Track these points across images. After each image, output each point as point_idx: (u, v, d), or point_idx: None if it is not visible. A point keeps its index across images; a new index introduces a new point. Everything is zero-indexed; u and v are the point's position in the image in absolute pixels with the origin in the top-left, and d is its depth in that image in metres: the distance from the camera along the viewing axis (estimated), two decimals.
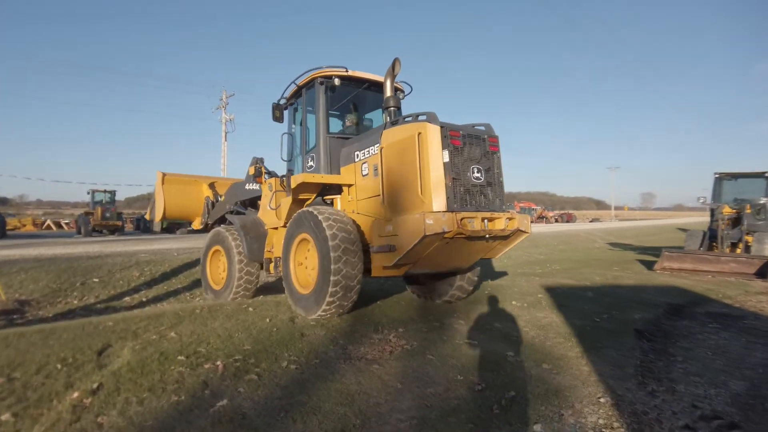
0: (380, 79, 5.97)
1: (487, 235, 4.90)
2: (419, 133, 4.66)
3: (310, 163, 6.17)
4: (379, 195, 5.14)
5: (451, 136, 4.72)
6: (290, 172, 6.54)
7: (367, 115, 6.84)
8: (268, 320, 5.03)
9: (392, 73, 5.64)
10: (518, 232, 5.22)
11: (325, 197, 6.14)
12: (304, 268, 5.59)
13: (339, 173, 5.90)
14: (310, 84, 6.21)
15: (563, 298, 7.30)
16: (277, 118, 6.38)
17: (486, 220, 4.83)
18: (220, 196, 8.73)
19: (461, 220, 4.55)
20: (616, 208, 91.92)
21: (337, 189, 5.99)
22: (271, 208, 6.56)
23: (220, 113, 30.46)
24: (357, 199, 5.62)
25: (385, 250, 4.84)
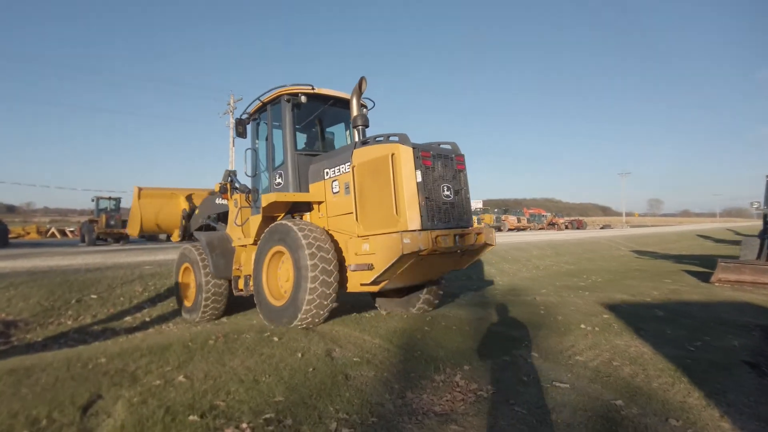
0: (345, 96, 6.15)
1: (459, 250, 5.14)
2: (392, 154, 4.75)
3: (278, 180, 6.10)
4: (351, 213, 5.22)
5: (422, 156, 4.83)
6: (255, 190, 6.58)
7: (329, 129, 6.86)
8: (299, 355, 4.03)
9: (359, 91, 5.81)
10: (485, 245, 5.53)
11: (294, 214, 6.17)
12: (277, 281, 5.67)
13: (307, 190, 5.95)
14: (276, 100, 6.17)
15: (633, 318, 6.27)
16: (240, 133, 6.36)
17: (458, 237, 5.03)
18: (197, 209, 8.63)
19: (436, 237, 4.71)
20: (627, 215, 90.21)
21: (306, 206, 6.04)
22: (237, 225, 6.71)
23: (227, 118, 29.62)
24: (328, 215, 5.70)
25: (364, 269, 4.90)
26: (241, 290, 6.54)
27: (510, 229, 48.08)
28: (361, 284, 5.11)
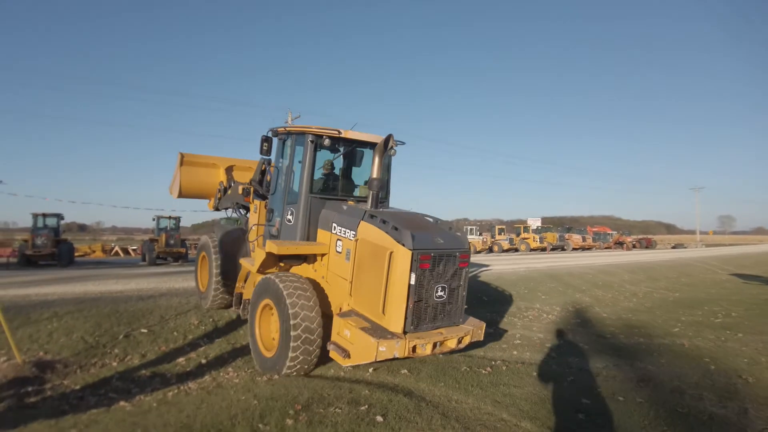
0: (374, 140, 6.00)
1: (439, 354, 5.15)
2: (391, 252, 4.62)
3: (289, 217, 6.02)
4: (348, 280, 5.19)
5: (421, 260, 4.60)
6: (271, 210, 6.50)
7: (357, 168, 6.62)
8: None
9: (382, 149, 5.54)
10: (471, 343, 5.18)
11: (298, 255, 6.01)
12: (269, 332, 5.64)
13: (315, 234, 5.87)
14: (301, 135, 6.03)
15: None
16: (265, 151, 6.21)
17: (438, 343, 4.73)
18: (234, 182, 8.56)
19: (413, 346, 4.53)
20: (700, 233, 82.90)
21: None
22: (249, 240, 6.91)
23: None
24: (328, 268, 5.64)
25: (341, 353, 4.74)
26: (239, 312, 6.72)
27: (574, 249, 44.93)
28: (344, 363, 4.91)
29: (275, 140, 6.41)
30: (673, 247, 61.60)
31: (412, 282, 4.53)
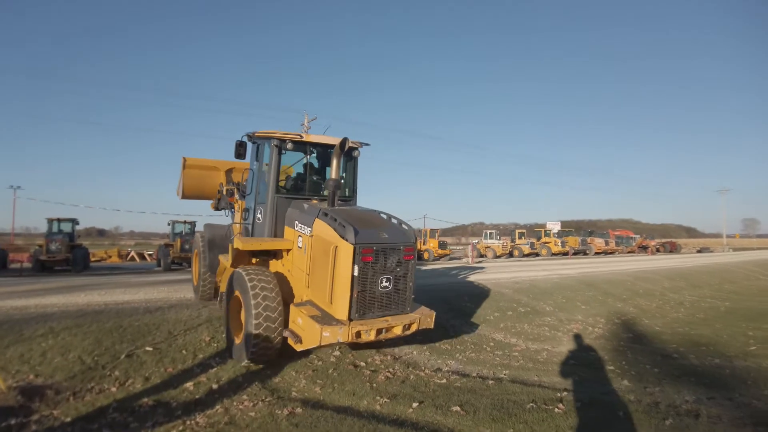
0: (332, 141, 6.36)
1: (383, 340, 5.37)
2: (335, 246, 5.01)
3: (259, 216, 6.48)
4: (306, 273, 5.58)
5: (363, 253, 4.95)
6: (246, 209, 6.97)
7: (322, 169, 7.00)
8: None
9: (339, 152, 5.87)
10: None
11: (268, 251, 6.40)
12: (238, 321, 5.88)
13: (283, 231, 6.20)
14: (267, 141, 6.42)
15: None
16: (240, 155, 6.63)
17: (384, 330, 5.12)
18: (232, 184, 8.98)
19: (357, 332, 4.90)
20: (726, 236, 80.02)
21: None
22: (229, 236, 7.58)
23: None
24: (293, 262, 5.99)
25: (294, 339, 5.14)
26: (218, 306, 7.24)
27: (596, 253, 43.59)
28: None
29: (249, 144, 6.88)
30: (699, 251, 59.54)
31: (355, 274, 4.95)
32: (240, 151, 6.63)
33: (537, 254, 38.47)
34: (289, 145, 6.27)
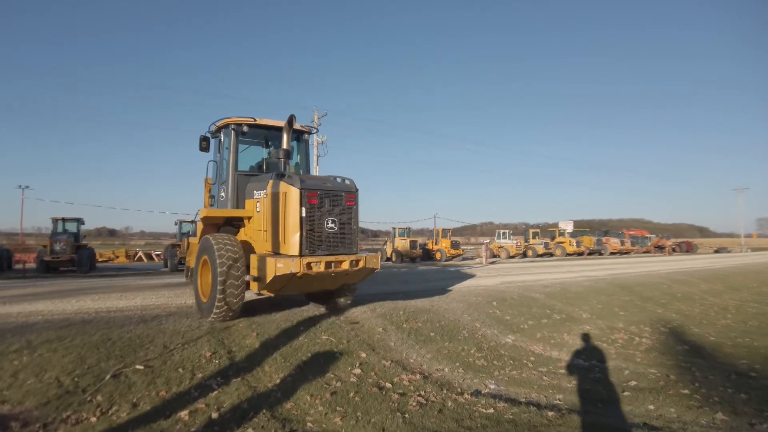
0: (282, 124, 6.81)
1: (332, 273, 5.99)
2: (285, 193, 5.81)
3: (222, 194, 7.18)
4: (263, 230, 6.31)
5: (308, 196, 5.74)
6: (212, 196, 7.73)
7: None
8: None
9: (288, 127, 6.54)
10: (366, 269, 6.32)
11: (233, 223, 7.14)
12: (207, 282, 6.43)
13: (244, 205, 6.89)
14: (225, 127, 7.11)
15: None
16: (204, 148, 7.40)
17: (333, 264, 5.91)
18: None
19: (307, 263, 5.64)
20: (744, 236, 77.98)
21: (239, 219, 6.98)
22: (196, 221, 8.74)
23: (311, 135, 27.79)
24: (253, 228, 6.72)
25: (254, 279, 5.97)
26: (188, 281, 8.46)
27: (612, 253, 42.46)
28: (257, 291, 6.22)
29: (212, 139, 7.48)
30: (716, 251, 58.01)
31: (303, 215, 5.67)
32: (203, 144, 7.32)
33: (551, 254, 37.44)
34: (245, 128, 6.83)
